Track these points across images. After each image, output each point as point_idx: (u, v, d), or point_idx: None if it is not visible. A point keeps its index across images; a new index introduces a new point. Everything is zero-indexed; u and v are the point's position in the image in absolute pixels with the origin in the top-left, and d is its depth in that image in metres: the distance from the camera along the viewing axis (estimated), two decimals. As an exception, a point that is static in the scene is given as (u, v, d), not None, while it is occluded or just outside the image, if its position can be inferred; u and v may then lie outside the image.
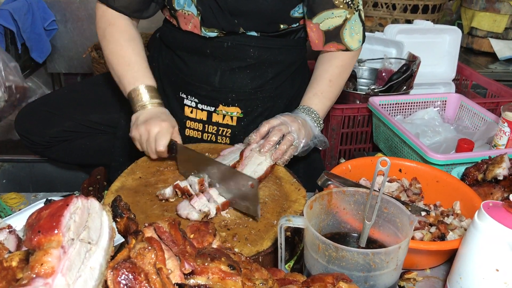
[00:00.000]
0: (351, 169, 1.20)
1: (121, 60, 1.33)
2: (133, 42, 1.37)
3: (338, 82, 1.43)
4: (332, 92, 1.42)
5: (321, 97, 1.39)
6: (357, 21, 1.39)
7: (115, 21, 1.37)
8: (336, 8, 1.35)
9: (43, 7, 2.81)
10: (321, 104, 1.39)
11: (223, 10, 1.32)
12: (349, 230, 0.94)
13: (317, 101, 1.39)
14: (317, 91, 1.40)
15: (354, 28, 1.39)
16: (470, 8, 3.00)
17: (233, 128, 1.48)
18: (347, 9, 1.35)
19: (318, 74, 1.42)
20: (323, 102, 1.40)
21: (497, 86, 2.05)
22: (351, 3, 1.36)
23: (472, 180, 1.20)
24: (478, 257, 0.85)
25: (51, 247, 0.55)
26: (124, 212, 0.67)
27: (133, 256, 0.58)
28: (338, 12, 1.35)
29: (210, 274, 0.65)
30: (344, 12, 1.35)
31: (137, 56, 1.35)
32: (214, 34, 1.37)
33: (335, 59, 1.43)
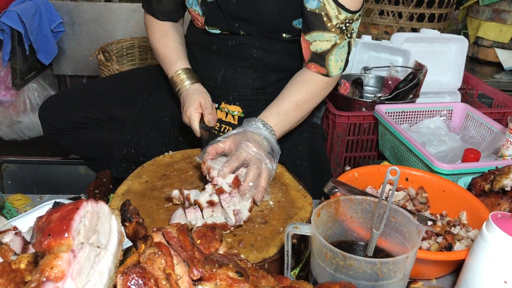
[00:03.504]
0: (358, 177, 1.19)
1: (158, 56, 1.54)
2: (165, 37, 1.52)
3: (304, 108, 1.35)
4: (295, 117, 1.34)
5: (282, 118, 1.30)
6: (345, 47, 1.33)
7: (152, 24, 1.56)
8: (328, 32, 1.29)
9: (50, 9, 2.83)
10: (280, 125, 1.29)
11: (224, 13, 1.36)
12: (356, 238, 0.93)
13: (276, 121, 1.28)
14: (279, 110, 1.30)
15: (340, 54, 1.34)
16: (476, 18, 3.01)
17: (235, 126, 1.48)
18: (338, 34, 1.30)
19: (286, 94, 1.34)
20: (283, 124, 1.30)
21: (503, 96, 2.05)
22: (345, 28, 1.30)
23: (479, 191, 1.20)
24: (486, 268, 0.84)
25: (61, 251, 0.55)
26: (133, 217, 0.67)
27: (143, 261, 0.58)
28: (328, 36, 1.29)
29: (218, 281, 0.65)
30: (335, 37, 1.30)
31: (167, 49, 1.49)
32: (218, 32, 1.42)
33: (308, 83, 1.36)
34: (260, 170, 1.13)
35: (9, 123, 3.06)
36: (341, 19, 1.27)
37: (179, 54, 1.48)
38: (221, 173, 1.10)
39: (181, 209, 1.07)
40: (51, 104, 1.62)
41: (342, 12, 1.26)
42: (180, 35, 1.56)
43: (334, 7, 1.25)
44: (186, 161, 1.31)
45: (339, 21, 1.27)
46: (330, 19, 1.27)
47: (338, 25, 1.28)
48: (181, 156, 1.34)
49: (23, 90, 3.01)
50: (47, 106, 1.63)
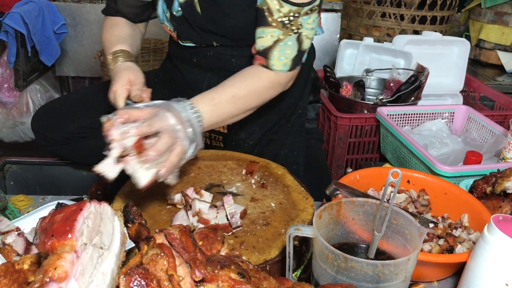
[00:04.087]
0: (359, 179, 1.19)
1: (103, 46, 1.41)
2: (113, 27, 1.43)
3: (241, 103, 1.20)
4: (229, 111, 1.18)
5: (215, 106, 1.15)
6: (291, 45, 1.21)
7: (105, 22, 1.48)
8: (268, 26, 1.19)
9: (53, 11, 2.83)
10: (210, 113, 1.13)
11: (193, 27, 1.34)
12: (357, 240, 0.93)
13: (207, 108, 1.13)
14: (214, 97, 1.16)
15: (286, 51, 1.21)
16: (478, 20, 3.01)
17: (225, 135, 1.48)
18: (281, 29, 1.19)
19: (225, 84, 1.21)
20: (213, 113, 1.14)
21: (505, 99, 2.05)
22: (288, 23, 1.18)
23: (481, 193, 1.20)
24: (487, 271, 0.84)
25: (64, 252, 0.55)
26: (136, 218, 0.67)
27: (146, 262, 0.58)
28: (269, 31, 1.20)
29: (220, 282, 0.65)
30: (277, 32, 1.19)
31: (110, 36, 1.39)
32: (192, 45, 1.39)
33: (250, 79, 1.23)
34: (173, 142, 0.99)
35: (12, 124, 3.07)
36: (284, 12, 1.17)
37: (121, 39, 1.37)
38: (123, 134, 0.95)
39: (183, 210, 1.07)
40: (44, 116, 1.60)
41: (285, 5, 1.16)
42: (132, 28, 1.47)
43: (275, 0, 1.16)
44: (188, 162, 1.31)
45: (281, 15, 1.17)
46: (271, 13, 1.17)
47: (280, 18, 1.17)
48: (183, 157, 1.34)
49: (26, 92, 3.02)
50: (40, 117, 1.61)
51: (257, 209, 1.12)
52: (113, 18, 1.49)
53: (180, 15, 1.35)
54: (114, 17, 1.49)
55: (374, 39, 2.37)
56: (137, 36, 1.50)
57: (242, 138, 1.46)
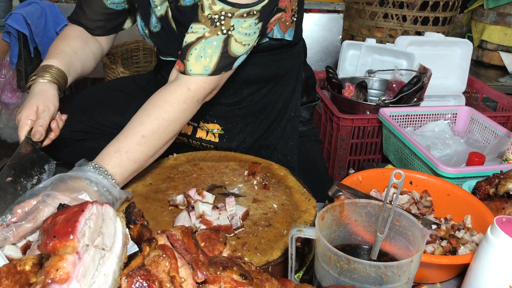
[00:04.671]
0: (362, 180, 1.19)
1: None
2: (61, 40, 1.37)
3: (153, 139, 1.09)
4: (142, 152, 1.08)
5: (124, 157, 1.05)
6: (215, 45, 1.12)
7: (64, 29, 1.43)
8: (198, 23, 1.12)
9: (56, 12, 2.84)
10: (121, 166, 1.05)
11: (172, 42, 1.32)
12: (360, 242, 0.93)
13: (115, 162, 1.04)
14: (121, 147, 1.06)
15: (207, 50, 1.12)
16: (480, 21, 3.01)
17: (216, 144, 1.48)
18: (208, 26, 1.11)
19: (132, 125, 1.10)
20: (125, 164, 1.05)
21: (508, 100, 2.04)
22: (217, 21, 1.10)
23: (484, 194, 1.19)
24: (490, 272, 0.84)
25: (66, 253, 0.55)
26: (138, 219, 0.67)
27: (148, 264, 0.58)
28: (197, 27, 1.12)
29: (223, 284, 0.65)
30: (204, 28, 1.11)
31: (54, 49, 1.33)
32: (173, 59, 1.35)
33: (159, 107, 1.11)
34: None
35: (14, 125, 3.07)
36: (215, 10, 1.10)
37: (59, 54, 1.30)
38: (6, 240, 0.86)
39: (186, 211, 1.07)
40: None
41: (218, 2, 1.10)
42: (84, 43, 1.40)
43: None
44: (191, 163, 1.31)
45: (211, 12, 1.10)
46: (203, 9, 1.11)
47: (209, 15, 1.10)
48: (185, 158, 1.34)
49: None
50: None
51: (259, 210, 1.12)
52: (70, 28, 1.44)
53: (158, 31, 1.33)
54: (72, 27, 1.44)
55: (377, 40, 2.37)
56: (87, 50, 1.42)
57: (233, 147, 1.46)
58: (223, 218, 1.05)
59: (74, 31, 1.43)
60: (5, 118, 3.08)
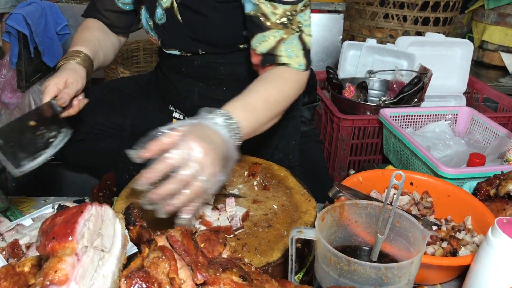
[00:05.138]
0: (362, 181, 1.19)
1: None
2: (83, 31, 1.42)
3: (274, 107, 1.14)
4: (266, 116, 1.11)
5: (251, 112, 1.07)
6: (295, 43, 1.18)
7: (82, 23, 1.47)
8: (268, 30, 1.17)
9: (56, 12, 2.84)
10: (248, 121, 1.04)
11: (177, 35, 1.33)
12: (360, 243, 0.93)
13: (243, 115, 1.03)
14: (248, 102, 1.08)
15: (292, 49, 1.18)
16: (481, 21, 3.00)
17: None
18: (282, 29, 1.17)
19: (254, 89, 1.13)
20: (251, 120, 1.06)
21: (509, 100, 2.04)
22: (288, 23, 1.17)
23: (484, 195, 1.19)
24: (491, 274, 0.84)
25: (65, 254, 0.55)
26: (137, 220, 0.67)
27: (147, 265, 0.57)
28: (269, 33, 1.17)
29: (222, 285, 0.65)
30: (278, 32, 1.17)
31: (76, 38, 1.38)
32: (177, 53, 1.37)
33: (277, 81, 1.17)
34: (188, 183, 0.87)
35: (13, 125, 3.07)
36: (280, 13, 1.16)
37: (85, 42, 1.35)
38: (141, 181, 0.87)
39: None
40: None
41: (278, 6, 1.15)
42: (105, 35, 1.46)
43: (268, 4, 1.15)
44: (190, 164, 1.31)
45: (278, 17, 1.16)
46: (268, 17, 1.17)
47: (278, 20, 1.16)
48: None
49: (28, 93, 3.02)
50: None
51: (259, 211, 1.12)
52: (90, 20, 1.48)
53: (163, 23, 1.34)
54: (91, 20, 1.48)
55: (377, 41, 2.37)
56: (108, 41, 1.47)
57: None
58: (223, 219, 1.04)
59: (94, 23, 1.47)
60: (5, 118, 3.07)
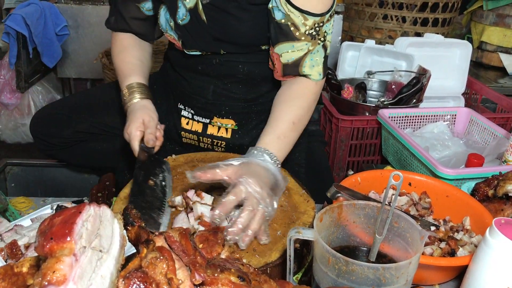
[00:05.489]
0: (361, 181, 1.19)
1: (116, 72, 1.45)
2: (123, 52, 1.45)
3: (300, 126, 1.26)
4: (294, 137, 1.25)
5: (283, 142, 1.20)
6: (319, 51, 1.25)
7: (114, 39, 1.50)
8: (297, 41, 1.21)
9: (55, 13, 2.84)
10: (283, 150, 1.20)
11: (200, 36, 1.33)
12: (359, 243, 0.93)
13: (278, 147, 1.18)
14: (279, 134, 1.20)
15: (315, 59, 1.25)
16: (480, 22, 3.01)
17: (228, 140, 1.48)
18: (310, 41, 1.22)
19: (280, 114, 1.24)
20: (284, 148, 1.21)
21: (508, 101, 2.04)
22: (316, 34, 1.21)
23: (483, 196, 1.19)
24: (489, 274, 0.84)
25: (63, 255, 0.55)
26: (136, 221, 0.67)
27: (145, 266, 0.58)
28: (299, 45, 1.22)
29: (220, 285, 0.65)
30: (307, 44, 1.22)
31: (123, 64, 1.43)
32: (198, 53, 1.37)
33: (298, 99, 1.27)
34: (254, 212, 1.01)
35: (13, 126, 3.07)
36: (309, 25, 1.20)
37: (134, 68, 1.42)
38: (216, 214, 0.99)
39: (184, 213, 1.07)
40: (41, 121, 1.61)
41: (309, 18, 1.19)
42: (142, 50, 1.50)
43: (299, 15, 1.19)
44: (189, 164, 1.31)
45: (307, 28, 1.20)
46: (298, 28, 1.20)
47: (307, 31, 1.21)
48: (184, 160, 1.34)
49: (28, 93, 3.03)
50: (37, 122, 1.61)
51: (258, 212, 1.12)
52: (122, 36, 1.48)
53: (186, 23, 1.33)
54: (123, 35, 1.48)
55: (376, 41, 2.37)
56: (146, 54, 1.51)
57: (245, 143, 1.46)
58: None
59: (127, 39, 1.48)
60: (4, 119, 3.08)
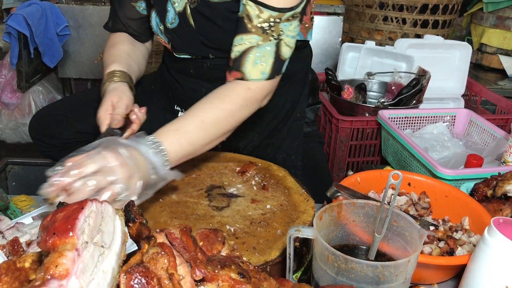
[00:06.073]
0: (360, 181, 1.20)
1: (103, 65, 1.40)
2: (112, 48, 1.44)
3: (214, 128, 1.12)
4: (199, 137, 1.09)
5: (181, 135, 1.06)
6: (270, 49, 1.15)
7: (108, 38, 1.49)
8: (247, 33, 1.14)
9: (56, 13, 2.84)
10: (176, 143, 1.04)
11: (188, 40, 1.33)
12: (358, 242, 0.94)
13: (172, 138, 1.04)
14: (180, 126, 1.08)
15: (262, 55, 1.15)
16: (480, 24, 3.01)
17: (224, 142, 1.47)
18: (260, 35, 1.14)
19: (191, 110, 1.13)
20: (180, 141, 1.05)
21: (507, 103, 2.05)
22: (269, 29, 1.13)
23: (481, 196, 1.20)
24: (487, 273, 0.84)
25: (65, 250, 0.55)
26: (137, 217, 0.68)
27: (146, 261, 0.58)
28: (248, 37, 1.15)
29: (220, 282, 0.65)
30: (256, 38, 1.14)
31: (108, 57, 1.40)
32: (188, 56, 1.38)
33: (222, 100, 1.15)
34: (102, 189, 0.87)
35: (14, 125, 3.08)
36: (264, 18, 1.13)
37: (118, 59, 1.38)
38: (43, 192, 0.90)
39: None
40: (40, 122, 1.60)
41: (265, 10, 1.12)
42: (132, 46, 1.47)
43: (255, 7, 1.12)
44: (190, 163, 1.32)
45: (261, 20, 1.13)
46: (251, 19, 1.14)
47: (259, 24, 1.13)
48: (184, 159, 1.35)
49: (28, 93, 3.03)
50: (36, 123, 1.61)
51: (258, 211, 1.12)
52: (115, 35, 1.49)
53: (175, 27, 1.33)
54: (117, 34, 1.49)
55: (376, 43, 2.38)
56: (138, 52, 1.49)
57: (240, 146, 1.47)
58: None
59: (120, 36, 1.48)
60: (4, 118, 3.08)
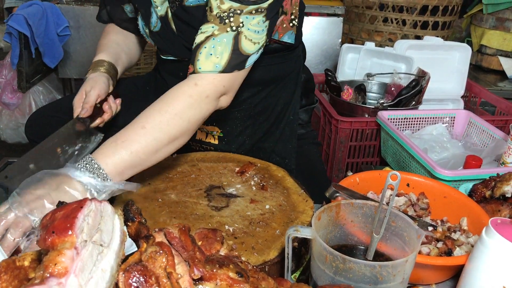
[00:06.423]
0: (359, 182, 1.20)
1: None
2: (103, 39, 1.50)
3: (156, 133, 1.04)
4: (140, 144, 1.01)
5: (120, 147, 1.00)
6: (226, 41, 1.09)
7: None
8: (206, 23, 1.10)
9: (57, 13, 2.85)
10: (117, 156, 0.99)
11: (172, 43, 1.34)
12: (356, 242, 0.94)
13: (110, 152, 0.99)
14: (118, 138, 1.02)
15: (217, 47, 1.09)
16: (480, 26, 3.02)
17: (216, 146, 1.49)
18: (218, 24, 1.09)
19: (135, 119, 1.07)
20: (121, 154, 0.99)
21: (506, 104, 2.05)
22: (226, 18, 1.08)
23: (480, 197, 1.20)
24: (485, 273, 0.85)
25: (64, 248, 0.56)
26: (136, 217, 0.68)
27: (145, 260, 0.59)
28: (205, 27, 1.10)
29: (219, 281, 0.66)
30: (213, 27, 1.09)
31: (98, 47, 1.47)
32: (175, 59, 1.39)
33: (165, 102, 1.08)
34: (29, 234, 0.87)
35: (14, 125, 3.08)
36: (224, 8, 1.09)
37: (105, 48, 1.44)
38: None
39: None
40: (35, 123, 1.60)
41: (226, 1, 1.08)
42: (123, 36, 1.52)
43: None
44: (189, 164, 1.32)
45: (220, 10, 1.09)
46: (211, 9, 1.10)
47: (218, 14, 1.09)
48: (184, 159, 1.35)
49: (29, 93, 3.04)
50: (32, 124, 1.60)
51: (257, 211, 1.13)
52: (108, 26, 1.54)
53: (158, 31, 1.35)
54: (109, 25, 1.54)
55: (376, 44, 2.38)
56: (128, 41, 1.53)
57: (232, 150, 1.47)
58: None
59: (112, 27, 1.54)
60: (5, 118, 3.09)
